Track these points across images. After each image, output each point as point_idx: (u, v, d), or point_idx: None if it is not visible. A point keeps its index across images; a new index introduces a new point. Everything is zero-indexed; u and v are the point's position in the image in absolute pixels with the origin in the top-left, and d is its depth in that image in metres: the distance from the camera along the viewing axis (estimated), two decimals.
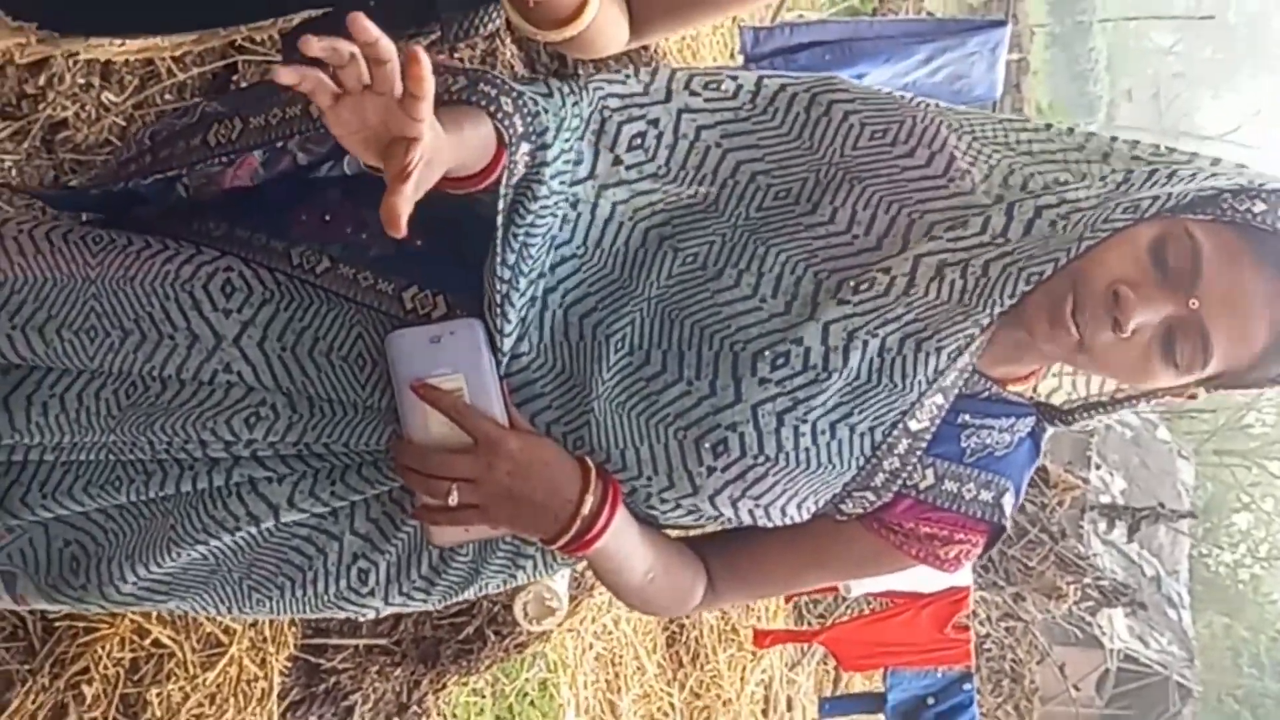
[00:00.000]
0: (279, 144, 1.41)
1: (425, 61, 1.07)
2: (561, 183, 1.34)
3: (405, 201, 1.09)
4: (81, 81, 2.43)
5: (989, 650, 10.21)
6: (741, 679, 6.87)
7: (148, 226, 1.47)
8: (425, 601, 1.56)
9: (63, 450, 1.45)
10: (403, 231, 1.10)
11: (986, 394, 1.46)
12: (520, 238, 1.32)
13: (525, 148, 1.28)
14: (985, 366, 1.44)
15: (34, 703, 2.55)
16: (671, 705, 6.10)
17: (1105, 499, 16.00)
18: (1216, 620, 29.59)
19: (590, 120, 1.38)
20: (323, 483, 1.44)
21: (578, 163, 1.37)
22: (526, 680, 4.71)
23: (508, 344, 1.37)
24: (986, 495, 1.47)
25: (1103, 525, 14.34)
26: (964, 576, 5.64)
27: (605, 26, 1.49)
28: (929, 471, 1.45)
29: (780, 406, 1.36)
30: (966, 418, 1.45)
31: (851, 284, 1.35)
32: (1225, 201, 1.33)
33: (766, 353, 1.35)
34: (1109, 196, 1.35)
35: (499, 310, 1.34)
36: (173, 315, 1.40)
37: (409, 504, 1.47)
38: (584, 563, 1.49)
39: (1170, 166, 1.37)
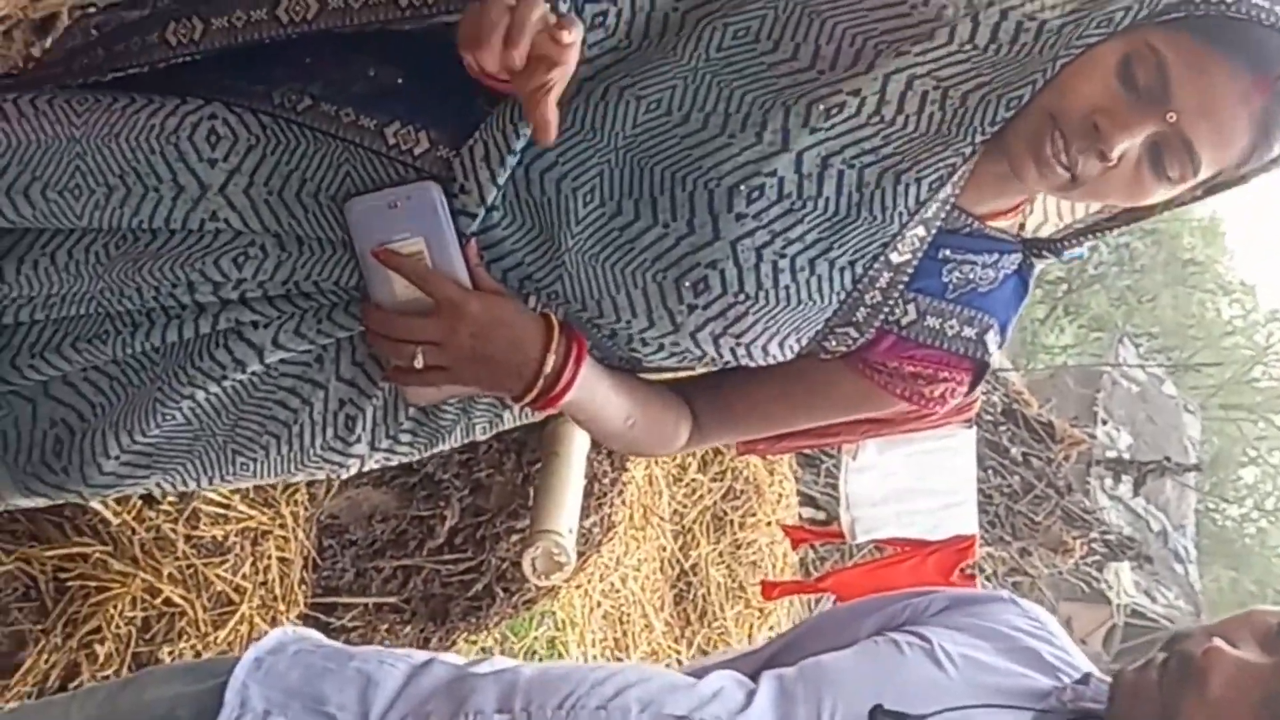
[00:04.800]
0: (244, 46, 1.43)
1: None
2: None
3: (552, 111, 1.28)
4: None
5: None
6: (749, 636, 6.89)
7: (130, 82, 1.47)
8: (411, 447, 1.58)
9: (52, 306, 1.45)
10: (553, 136, 1.29)
11: (968, 229, 1.47)
12: None
13: None
14: (966, 203, 1.45)
15: (47, 662, 2.57)
16: (679, 662, 6.13)
17: (1111, 454, 16.01)
18: (1223, 574, 29.61)
19: None
20: (309, 321, 1.45)
21: None
22: (535, 638, 4.75)
23: (491, 196, 1.39)
24: (969, 331, 1.49)
25: (1109, 480, 14.36)
26: (969, 524, 5.65)
27: None
28: (910, 307, 1.46)
29: (759, 241, 1.38)
30: (947, 253, 1.46)
31: (821, 108, 1.36)
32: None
33: (741, 187, 1.36)
34: (1081, 7, 1.36)
35: (498, 164, 1.37)
36: (158, 168, 1.41)
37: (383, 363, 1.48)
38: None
39: None
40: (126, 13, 1.50)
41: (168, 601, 2.76)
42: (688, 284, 1.38)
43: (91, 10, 1.54)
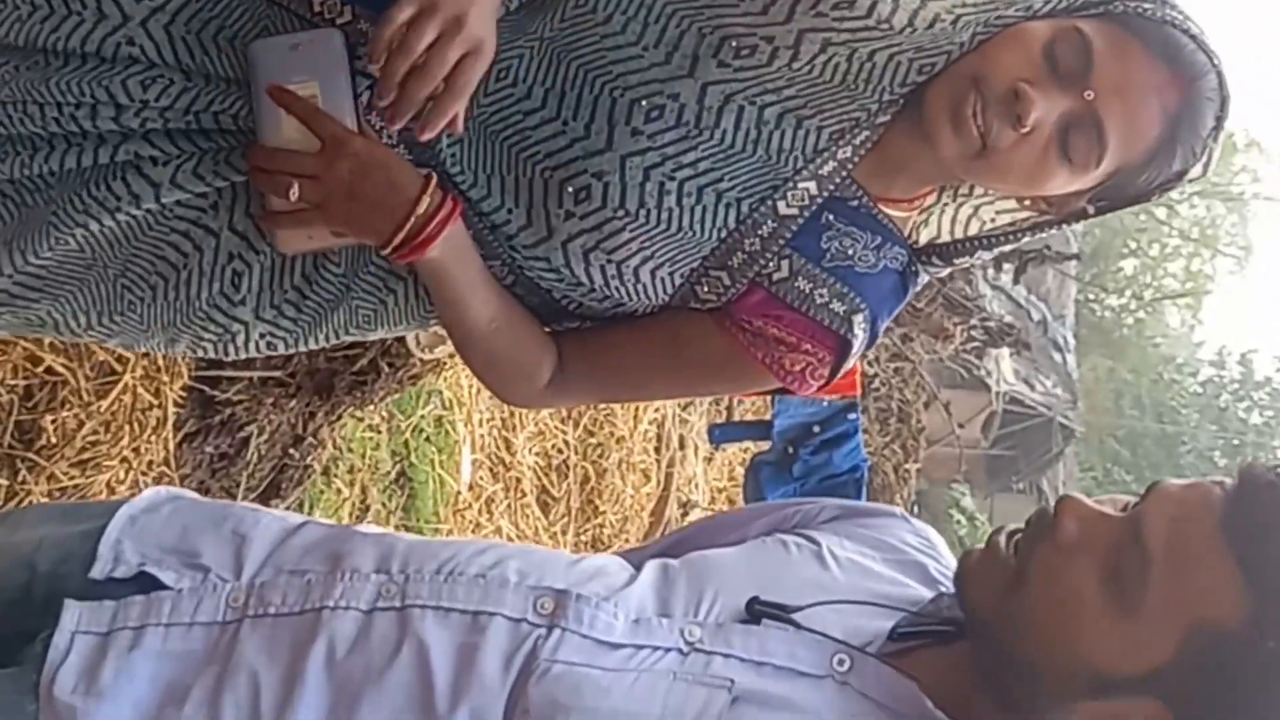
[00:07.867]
0: None
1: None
2: None
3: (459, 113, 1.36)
4: None
5: (877, 390, 10.41)
6: (635, 418, 7.02)
7: None
8: (294, 322, 1.59)
9: None
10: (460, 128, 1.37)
11: (857, 202, 1.49)
12: None
13: None
14: (862, 176, 1.48)
15: None
16: (566, 443, 6.24)
17: None
18: (1100, 363, 30.44)
19: None
20: (206, 163, 1.47)
21: None
22: (422, 417, 4.80)
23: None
24: (838, 306, 1.49)
25: (990, 269, 14.59)
26: None
27: None
28: (785, 263, 1.48)
29: (649, 161, 1.41)
30: (831, 218, 1.48)
31: (734, 44, 1.40)
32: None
33: (643, 102, 1.40)
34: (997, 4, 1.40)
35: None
36: None
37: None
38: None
39: None
40: None
41: (50, 370, 2.78)
42: (570, 189, 1.41)
43: None
